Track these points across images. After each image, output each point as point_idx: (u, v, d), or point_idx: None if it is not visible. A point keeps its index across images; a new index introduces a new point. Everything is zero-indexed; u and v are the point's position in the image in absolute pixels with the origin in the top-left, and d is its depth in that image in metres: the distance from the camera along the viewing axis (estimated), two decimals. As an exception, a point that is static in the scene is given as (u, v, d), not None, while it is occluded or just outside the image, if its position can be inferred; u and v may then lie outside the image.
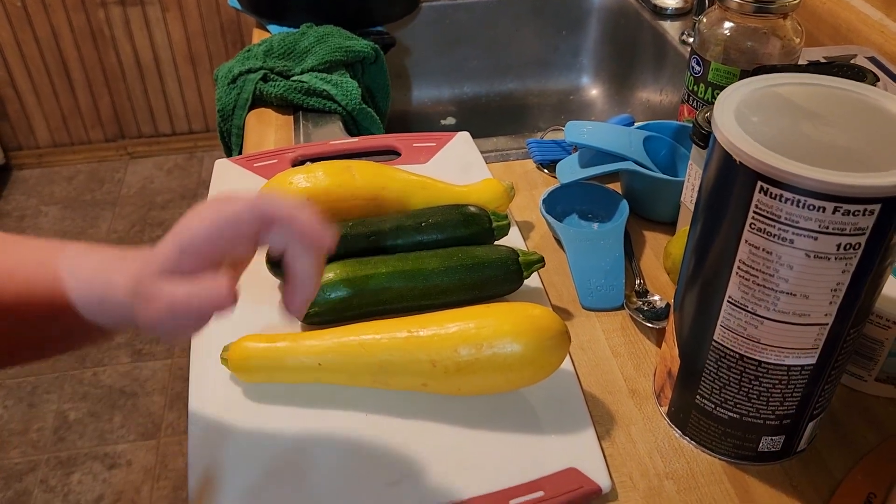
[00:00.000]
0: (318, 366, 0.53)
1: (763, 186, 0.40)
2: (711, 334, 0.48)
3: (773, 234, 0.41)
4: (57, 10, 2.20)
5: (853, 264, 0.41)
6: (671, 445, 0.53)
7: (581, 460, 0.50)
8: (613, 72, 1.21)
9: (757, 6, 0.68)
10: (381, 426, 0.53)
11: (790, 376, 0.47)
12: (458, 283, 0.58)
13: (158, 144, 2.50)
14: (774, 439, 0.50)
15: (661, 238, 0.71)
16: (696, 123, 0.61)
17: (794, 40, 0.70)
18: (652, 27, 1.11)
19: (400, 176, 0.66)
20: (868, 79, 0.65)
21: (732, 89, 0.45)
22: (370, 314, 0.58)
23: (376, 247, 0.61)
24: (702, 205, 0.46)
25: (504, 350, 0.51)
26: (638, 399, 0.56)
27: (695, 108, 0.75)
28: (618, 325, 0.62)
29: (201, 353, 0.57)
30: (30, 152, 2.43)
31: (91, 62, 2.31)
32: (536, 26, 1.22)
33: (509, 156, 0.82)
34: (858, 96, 0.45)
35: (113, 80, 2.35)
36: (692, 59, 0.74)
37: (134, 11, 2.24)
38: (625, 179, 0.73)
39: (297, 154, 0.78)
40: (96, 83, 2.34)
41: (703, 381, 0.50)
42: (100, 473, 1.56)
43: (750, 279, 0.44)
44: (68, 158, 2.46)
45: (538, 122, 1.21)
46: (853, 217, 0.39)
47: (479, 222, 0.62)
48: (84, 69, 2.31)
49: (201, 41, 2.33)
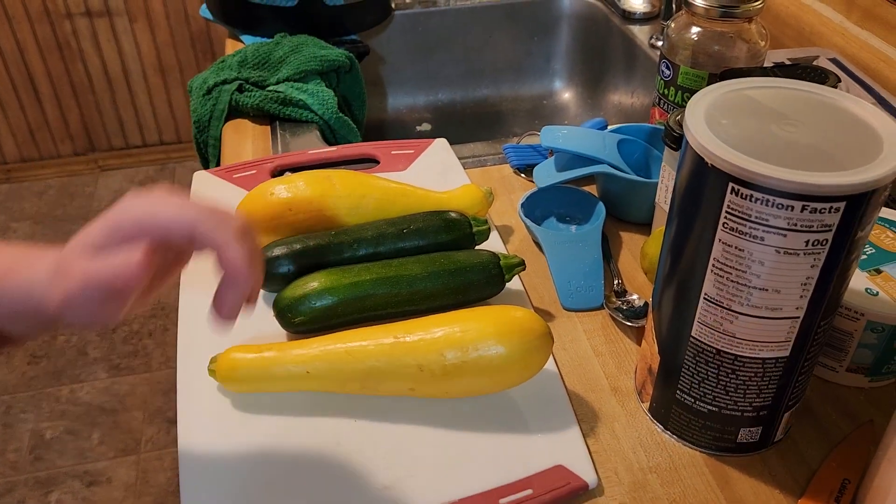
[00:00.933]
0: (307, 374, 0.54)
1: (734, 187, 0.42)
2: (689, 331, 0.49)
3: (745, 233, 0.43)
4: (21, 23, 2.18)
5: (821, 259, 0.43)
6: (653, 440, 0.55)
7: (567, 457, 0.52)
8: (585, 76, 1.24)
9: (723, 11, 0.70)
10: (370, 432, 0.54)
11: (765, 369, 0.48)
12: (441, 288, 0.59)
13: (129, 157, 2.48)
14: (752, 430, 0.52)
15: (637, 238, 0.72)
16: (667, 126, 0.63)
17: (759, 43, 0.72)
18: (622, 31, 1.13)
19: (380, 184, 0.67)
20: (830, 80, 0.67)
21: (702, 94, 0.47)
22: (355, 321, 0.59)
23: (359, 254, 0.62)
24: (676, 206, 0.48)
25: (489, 352, 0.52)
26: (620, 396, 0.58)
27: (666, 110, 0.77)
28: (598, 324, 0.64)
29: (188, 366, 0.58)
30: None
31: (58, 75, 2.28)
32: (509, 33, 1.23)
33: (486, 161, 0.83)
34: (820, 98, 0.47)
35: (81, 92, 2.33)
36: (662, 63, 0.76)
37: (101, 23, 2.23)
38: (600, 182, 0.75)
39: (276, 164, 0.78)
40: (64, 96, 2.32)
41: (682, 376, 0.52)
42: (79, 492, 1.54)
43: (724, 276, 0.45)
44: (38, 173, 2.43)
45: (513, 127, 1.23)
46: (820, 214, 0.41)
47: (460, 228, 0.64)
48: (51, 82, 2.29)
49: (171, 51, 2.32)
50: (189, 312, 0.62)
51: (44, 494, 1.53)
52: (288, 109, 0.87)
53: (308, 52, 0.91)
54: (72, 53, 2.26)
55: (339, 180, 0.66)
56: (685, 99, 0.75)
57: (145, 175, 2.45)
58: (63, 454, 1.61)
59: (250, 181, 0.76)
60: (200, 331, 0.60)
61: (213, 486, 0.50)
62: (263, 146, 0.85)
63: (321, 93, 0.88)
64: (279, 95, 0.87)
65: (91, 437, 1.65)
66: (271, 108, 0.87)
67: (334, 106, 0.88)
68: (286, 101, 0.87)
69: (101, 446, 1.63)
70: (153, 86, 2.37)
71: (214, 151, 0.90)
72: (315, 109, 0.87)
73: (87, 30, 2.23)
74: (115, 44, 2.27)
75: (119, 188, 2.39)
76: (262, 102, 0.87)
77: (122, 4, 2.21)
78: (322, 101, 0.87)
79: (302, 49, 0.92)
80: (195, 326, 0.61)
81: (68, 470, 1.58)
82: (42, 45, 2.22)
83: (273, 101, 0.87)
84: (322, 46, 0.94)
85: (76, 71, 2.29)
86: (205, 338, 0.60)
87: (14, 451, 1.62)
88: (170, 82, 2.38)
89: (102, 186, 2.40)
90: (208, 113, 0.89)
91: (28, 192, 2.38)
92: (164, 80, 2.37)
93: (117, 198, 0.41)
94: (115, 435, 1.66)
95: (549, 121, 1.24)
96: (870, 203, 0.41)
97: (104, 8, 2.20)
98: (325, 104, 0.87)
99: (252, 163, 0.78)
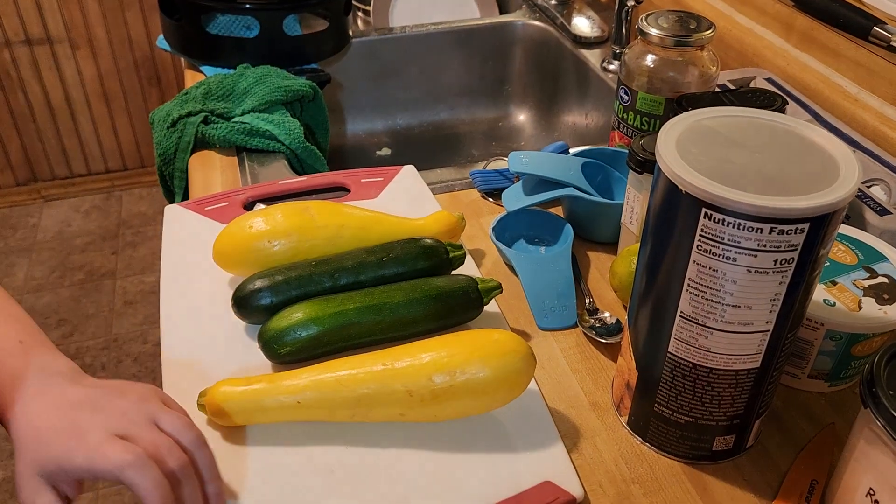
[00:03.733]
0: (297, 404, 0.55)
1: (707, 212, 0.45)
2: (666, 346, 0.52)
3: (718, 254, 0.46)
4: (-41, 53, 2.12)
5: (788, 276, 0.46)
6: (633, 452, 0.57)
7: (554, 473, 0.54)
8: (539, 98, 1.27)
9: (676, 40, 0.74)
10: (361, 457, 0.55)
11: (738, 380, 0.51)
12: (423, 314, 0.61)
13: (74, 186, 2.42)
14: (726, 438, 0.55)
15: (604, 258, 0.75)
16: (631, 151, 0.66)
17: (710, 69, 0.76)
18: (573, 55, 1.17)
19: (356, 213, 0.69)
20: (778, 103, 0.72)
21: (671, 124, 0.50)
22: (340, 350, 0.60)
23: (340, 283, 0.63)
24: (650, 229, 0.51)
25: (476, 375, 0.54)
26: (599, 411, 0.60)
27: (626, 134, 0.81)
28: (573, 342, 0.66)
29: (174, 398, 0.58)
30: (-65, 201, 2.32)
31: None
32: (462, 57, 1.26)
33: (454, 186, 0.86)
34: (781, 126, 0.51)
35: (22, 121, 2.27)
36: (620, 88, 0.80)
37: (42, 51, 2.18)
38: (567, 204, 0.78)
39: (247, 196, 0.79)
40: (4, 125, 2.26)
41: (660, 389, 0.54)
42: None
43: (699, 294, 0.48)
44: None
45: (470, 149, 1.26)
46: (787, 235, 0.44)
47: (437, 254, 0.65)
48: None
49: (115, 79, 2.29)
50: (173, 349, 0.62)
51: (-2, 538, 1.48)
52: (255, 140, 0.88)
53: (272, 83, 0.92)
54: (11, 83, 2.20)
55: (317, 211, 0.67)
56: (644, 122, 0.78)
57: (91, 204, 2.40)
58: (14, 496, 1.56)
59: (222, 213, 0.76)
60: (186, 363, 0.61)
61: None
62: (232, 177, 0.85)
63: (287, 123, 0.89)
64: (245, 126, 0.88)
65: (46, 476, 1.60)
66: (238, 139, 0.87)
67: (300, 135, 0.89)
68: (253, 132, 0.88)
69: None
70: (97, 113, 2.33)
71: (181, 183, 0.89)
72: (282, 140, 0.88)
73: (27, 58, 2.18)
74: (57, 72, 2.23)
75: (64, 218, 2.33)
76: (229, 134, 0.87)
77: (64, 32, 2.17)
78: (288, 131, 0.88)
79: (266, 80, 0.93)
80: (179, 361, 0.61)
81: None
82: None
83: (240, 132, 0.87)
84: (285, 77, 0.95)
85: (16, 100, 2.23)
86: (188, 373, 0.60)
87: (-36, 495, 1.56)
88: (114, 109, 2.34)
89: (46, 216, 2.34)
90: (174, 145, 0.89)
91: (-32, 225, 2.30)
92: (108, 108, 2.33)
93: (62, 228, 0.44)
94: (71, 473, 1.61)
95: (505, 142, 1.27)
96: (831, 223, 0.45)
97: (45, 36, 2.16)
98: (292, 134, 0.88)
99: (223, 195, 0.79)
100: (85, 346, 1.90)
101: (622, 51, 0.77)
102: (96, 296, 2.06)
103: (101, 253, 2.21)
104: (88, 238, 2.26)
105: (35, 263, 2.16)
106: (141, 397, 0.50)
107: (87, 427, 0.46)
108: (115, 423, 0.47)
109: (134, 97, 2.34)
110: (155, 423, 0.49)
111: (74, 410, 0.48)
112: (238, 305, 0.62)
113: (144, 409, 0.49)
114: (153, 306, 2.02)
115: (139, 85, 2.32)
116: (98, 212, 2.38)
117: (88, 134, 2.36)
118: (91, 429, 0.46)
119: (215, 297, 0.67)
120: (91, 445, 0.45)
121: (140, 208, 2.39)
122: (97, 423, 0.47)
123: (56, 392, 0.49)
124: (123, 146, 2.41)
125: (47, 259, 2.18)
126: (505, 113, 1.31)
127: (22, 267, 2.15)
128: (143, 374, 1.83)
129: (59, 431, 0.46)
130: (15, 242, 2.24)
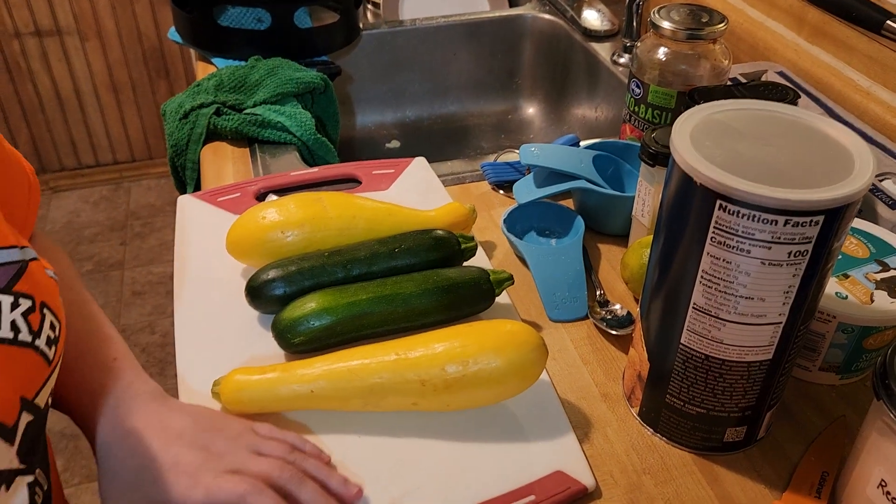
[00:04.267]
0: (311, 393, 0.55)
1: (722, 204, 0.45)
2: (678, 338, 0.52)
3: (732, 246, 0.46)
4: (-32, 44, 2.13)
5: (802, 269, 0.46)
6: (645, 443, 0.58)
7: (565, 463, 0.54)
8: (548, 91, 1.27)
9: (688, 33, 0.74)
10: (374, 447, 0.55)
11: (750, 371, 0.52)
12: (435, 305, 0.61)
13: (82, 177, 2.43)
14: (738, 430, 0.55)
15: (615, 250, 0.76)
16: (643, 143, 0.66)
17: (722, 62, 0.76)
18: (584, 48, 1.17)
19: (368, 204, 0.69)
20: (790, 96, 0.72)
21: (685, 117, 0.50)
22: (353, 339, 0.61)
23: (353, 274, 0.63)
24: (664, 221, 0.51)
25: (489, 365, 0.54)
26: (610, 402, 0.61)
27: (637, 127, 0.81)
28: (584, 334, 0.66)
29: (189, 390, 0.58)
30: (-56, 191, 2.33)
31: (6, 95, 2.23)
32: (472, 50, 1.26)
33: (465, 178, 0.86)
34: (788, 117, 0.51)
35: (31, 113, 2.28)
36: (632, 81, 0.80)
37: (51, 42, 2.19)
38: (578, 197, 0.78)
39: (260, 187, 0.79)
40: (13, 117, 2.27)
41: (671, 381, 0.54)
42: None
43: (713, 287, 0.48)
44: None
45: (479, 141, 1.26)
46: (801, 228, 0.44)
47: (449, 245, 0.66)
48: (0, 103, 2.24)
49: (123, 70, 2.29)
50: (186, 338, 0.63)
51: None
52: (266, 132, 0.88)
53: (284, 75, 0.92)
54: (21, 74, 2.21)
55: (329, 202, 0.67)
56: (655, 116, 0.78)
57: (100, 195, 2.41)
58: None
59: (235, 204, 0.77)
60: (199, 353, 0.61)
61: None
62: (244, 168, 0.86)
63: (299, 115, 0.89)
64: (257, 118, 0.88)
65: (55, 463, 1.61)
66: (250, 130, 0.88)
67: (312, 127, 0.89)
68: (264, 124, 0.88)
69: (66, 473, 1.60)
70: (106, 105, 2.34)
71: (192, 175, 0.90)
72: (293, 131, 0.88)
73: (37, 49, 2.19)
74: (66, 63, 2.23)
75: (73, 209, 2.35)
76: (241, 125, 0.87)
77: (73, 23, 2.17)
78: (300, 122, 0.88)
79: (277, 72, 0.93)
80: (193, 351, 0.62)
81: (33, 500, 1.55)
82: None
83: (251, 123, 0.88)
84: (297, 69, 0.95)
85: (25, 91, 2.24)
86: (201, 362, 0.60)
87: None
88: (123, 100, 2.35)
89: (55, 207, 2.35)
90: (186, 136, 0.89)
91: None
92: (116, 99, 2.34)
93: (71, 219, 0.46)
94: (78, 461, 1.63)
95: (515, 135, 1.27)
96: (845, 216, 0.45)
97: (54, 27, 2.17)
98: (303, 126, 0.89)
99: (235, 186, 0.79)
100: (94, 337, 1.91)
101: (632, 44, 0.77)
102: (105, 286, 2.07)
103: (109, 244, 2.22)
104: (97, 229, 2.27)
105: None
106: (234, 434, 0.52)
107: (197, 466, 0.49)
108: (220, 464, 0.49)
109: (142, 89, 2.34)
110: (256, 452, 0.51)
111: (174, 444, 0.50)
112: (251, 295, 0.63)
113: (242, 442, 0.51)
114: (161, 297, 2.03)
115: (148, 77, 2.33)
116: (106, 203, 2.39)
117: (97, 125, 2.37)
118: (202, 469, 0.49)
119: (228, 286, 0.67)
120: (206, 482, 0.48)
121: (148, 199, 2.40)
122: (206, 462, 0.49)
123: (148, 413, 0.51)
124: (132, 138, 2.42)
125: (56, 250, 2.19)
126: (514, 106, 1.31)
127: (31, 257, 2.16)
128: (151, 363, 1.84)
129: (167, 468, 0.48)
130: (24, 233, 2.25)
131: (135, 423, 0.51)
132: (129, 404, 0.52)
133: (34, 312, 0.42)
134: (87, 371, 0.54)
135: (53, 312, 0.45)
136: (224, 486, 0.47)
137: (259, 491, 0.47)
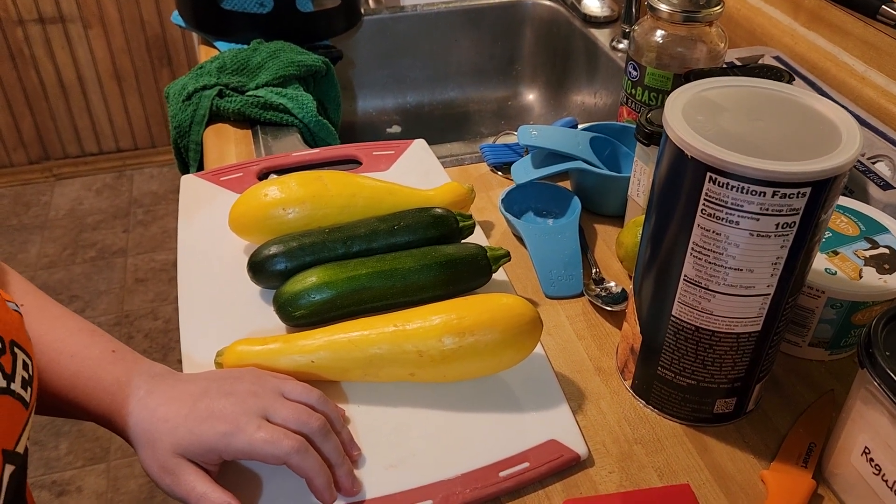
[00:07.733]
0: (311, 363, 0.56)
1: (712, 176, 0.46)
2: (670, 311, 0.54)
3: (722, 218, 0.47)
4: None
5: (790, 240, 0.48)
6: (637, 414, 0.59)
7: (559, 432, 0.56)
8: (548, 77, 1.28)
9: (685, 16, 0.75)
10: (373, 416, 0.57)
11: (739, 343, 0.53)
12: (433, 280, 0.63)
13: (86, 164, 2.44)
14: (727, 402, 0.57)
15: (611, 230, 0.77)
16: (639, 124, 0.67)
17: (718, 45, 0.77)
18: (583, 34, 1.18)
19: (368, 183, 0.70)
20: (785, 78, 0.73)
21: (678, 93, 0.51)
22: (352, 314, 0.62)
23: (353, 251, 0.65)
24: (656, 195, 0.52)
25: (485, 337, 0.55)
26: (604, 376, 0.62)
27: (634, 109, 0.82)
28: (579, 310, 0.68)
29: (192, 362, 0.60)
30: (-51, 178, 2.35)
31: (10, 82, 2.24)
32: (472, 36, 1.27)
33: (464, 160, 0.87)
34: (782, 95, 0.52)
35: (35, 100, 2.29)
36: (629, 64, 0.81)
37: (54, 29, 2.20)
38: (575, 178, 0.79)
39: (262, 167, 0.81)
40: (17, 104, 2.28)
41: (663, 353, 0.56)
42: (50, 502, 1.53)
43: (702, 258, 0.50)
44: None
45: (479, 127, 1.27)
46: (789, 199, 0.45)
47: (448, 223, 0.67)
48: (3, 90, 2.25)
49: (126, 57, 2.30)
50: (190, 313, 0.64)
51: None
52: (269, 114, 0.89)
53: (286, 58, 0.94)
54: (24, 61, 2.22)
55: (330, 180, 0.68)
56: (652, 98, 0.79)
57: (102, 183, 2.42)
58: (29, 465, 1.59)
59: (237, 183, 0.78)
60: (202, 327, 0.63)
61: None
62: (246, 149, 0.87)
63: (301, 97, 0.90)
64: (260, 100, 0.89)
65: (58, 447, 1.63)
66: (253, 112, 0.89)
67: (314, 110, 0.90)
68: (267, 106, 0.89)
69: (69, 456, 1.62)
70: (109, 92, 2.35)
71: (195, 156, 0.91)
72: (295, 113, 0.89)
73: (40, 36, 2.20)
74: (70, 50, 2.24)
75: (76, 196, 2.36)
76: (244, 107, 0.89)
77: (77, 11, 2.18)
78: (302, 105, 0.90)
79: (280, 55, 0.94)
80: (196, 325, 0.63)
81: (36, 481, 1.57)
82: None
83: (254, 105, 0.89)
84: (299, 52, 0.96)
85: (29, 78, 2.25)
86: (205, 334, 0.62)
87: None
88: (126, 88, 2.35)
89: (58, 195, 2.37)
90: (189, 118, 0.90)
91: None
92: (119, 87, 2.35)
93: (74, 206, 0.44)
94: (83, 444, 1.65)
95: (515, 121, 1.28)
96: (832, 188, 0.46)
97: (57, 14, 2.18)
98: (305, 108, 0.90)
99: (238, 165, 0.80)
100: (96, 322, 1.93)
101: (631, 30, 0.78)
102: (108, 273, 2.08)
103: (112, 231, 2.24)
104: (100, 216, 2.28)
105: (47, 240, 2.19)
106: (255, 376, 0.53)
107: (230, 412, 0.49)
108: (253, 405, 0.50)
109: (145, 76, 2.35)
110: (282, 394, 0.52)
111: (202, 399, 0.50)
112: (253, 270, 0.64)
113: (268, 385, 0.52)
114: (164, 284, 2.05)
115: (150, 64, 2.34)
116: (109, 190, 2.40)
117: (100, 113, 2.38)
118: (238, 414, 0.49)
119: (231, 262, 0.68)
120: (249, 430, 0.48)
121: (151, 187, 2.41)
122: (237, 407, 0.49)
123: (167, 387, 0.52)
124: (135, 125, 2.43)
125: (60, 236, 2.20)
126: (514, 92, 1.32)
127: (35, 244, 2.17)
128: (154, 349, 1.85)
129: (199, 419, 0.49)
130: (28, 220, 2.27)
131: (159, 398, 0.51)
132: (150, 384, 0.52)
133: (5, 354, 0.38)
134: (94, 370, 0.52)
135: (24, 349, 0.41)
136: (269, 439, 0.48)
137: (304, 450, 0.48)
